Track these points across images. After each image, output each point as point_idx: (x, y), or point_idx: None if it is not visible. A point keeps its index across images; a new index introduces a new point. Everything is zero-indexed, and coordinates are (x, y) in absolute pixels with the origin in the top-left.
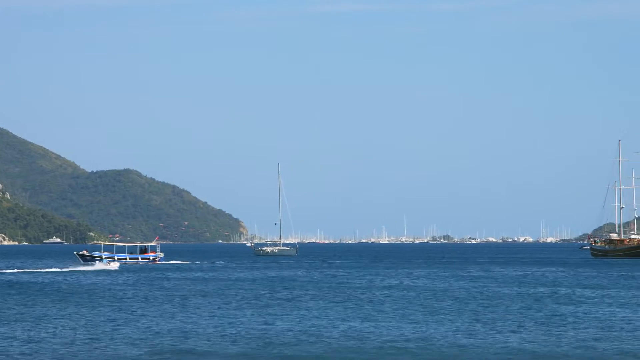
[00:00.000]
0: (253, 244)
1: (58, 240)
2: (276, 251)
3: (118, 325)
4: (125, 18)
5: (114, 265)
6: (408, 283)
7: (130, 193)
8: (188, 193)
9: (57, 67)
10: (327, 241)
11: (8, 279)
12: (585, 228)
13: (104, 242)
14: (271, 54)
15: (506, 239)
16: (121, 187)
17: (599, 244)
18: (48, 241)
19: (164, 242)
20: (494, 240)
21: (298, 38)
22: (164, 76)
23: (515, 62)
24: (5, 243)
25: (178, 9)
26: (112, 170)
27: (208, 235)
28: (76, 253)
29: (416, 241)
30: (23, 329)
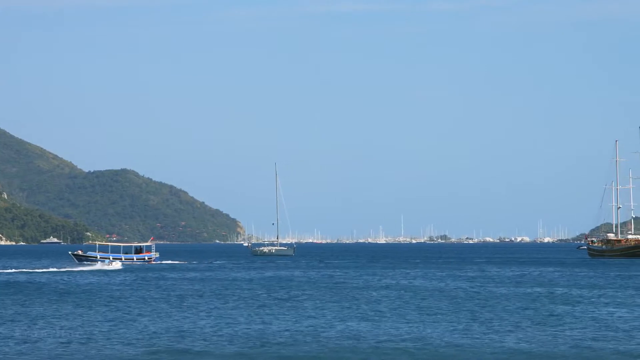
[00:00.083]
0: (250, 244)
1: (55, 240)
2: (273, 251)
3: (115, 325)
4: (125, 18)
5: (117, 264)
6: (405, 283)
7: (127, 193)
8: (185, 193)
9: (57, 67)
10: (325, 241)
11: (5, 279)
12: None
13: (99, 242)
14: (271, 54)
15: (503, 239)
16: (118, 187)
17: (596, 244)
18: (45, 241)
19: (162, 242)
20: (491, 240)
21: (298, 38)
22: (164, 76)
23: (515, 62)
24: (2, 243)
25: (178, 9)
26: (110, 170)
27: (205, 235)
28: (71, 253)
29: (413, 241)
30: (20, 329)
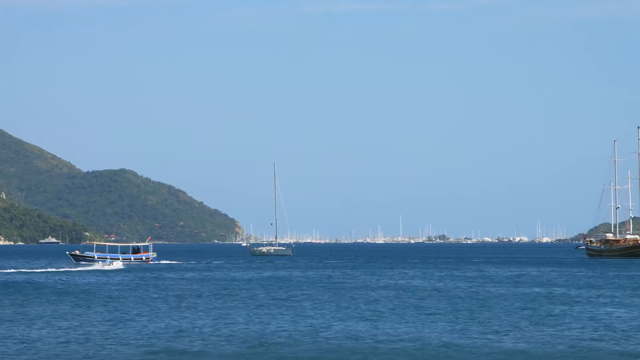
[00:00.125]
0: (249, 244)
1: (54, 240)
2: (272, 251)
3: (113, 325)
4: (125, 18)
5: (118, 264)
6: (403, 283)
7: (126, 193)
8: (184, 193)
9: (57, 67)
10: (323, 241)
11: (4, 279)
12: (580, 228)
13: (97, 242)
14: (271, 54)
15: (502, 239)
16: (117, 187)
17: (595, 244)
18: (44, 241)
19: (160, 242)
20: (490, 240)
21: (298, 38)
22: (164, 76)
23: (515, 62)
24: (1, 243)
25: (178, 9)
26: (108, 170)
27: (204, 235)
28: (69, 253)
29: (412, 241)
30: (18, 329)
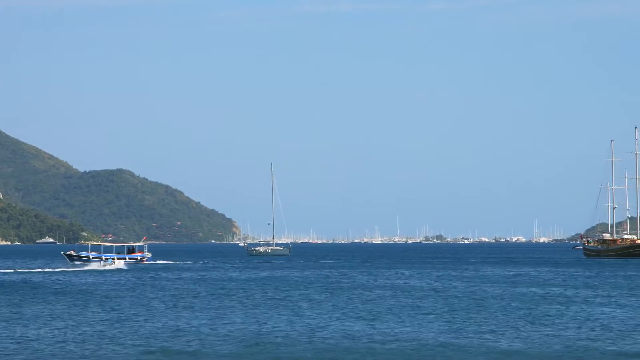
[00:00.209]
0: (246, 244)
1: (51, 240)
2: (269, 251)
3: (110, 325)
4: (125, 18)
5: (120, 263)
6: (400, 283)
7: (123, 193)
8: (181, 193)
9: (57, 67)
10: (320, 241)
11: (1, 279)
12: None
13: (91, 242)
14: (271, 54)
15: (499, 239)
16: (114, 187)
17: (592, 244)
18: (41, 241)
19: (157, 242)
20: (487, 240)
21: (298, 38)
22: (163, 76)
23: (515, 62)
24: None
25: (178, 9)
26: (105, 170)
27: (201, 235)
28: (63, 253)
29: (409, 241)
30: (15, 329)
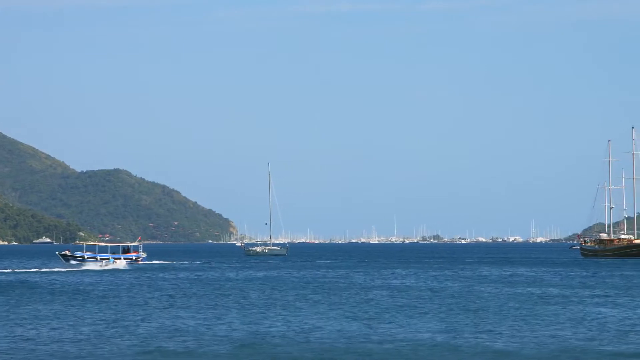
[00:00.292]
0: (243, 244)
1: (48, 240)
2: (266, 251)
3: (107, 325)
4: (125, 18)
5: (121, 263)
6: (397, 283)
7: (120, 193)
8: (178, 193)
9: (57, 67)
10: (317, 241)
11: None
12: (575, 228)
13: (86, 243)
14: (271, 54)
15: (496, 239)
16: (111, 187)
17: (589, 244)
18: (38, 241)
19: (154, 242)
20: (484, 240)
21: (298, 38)
22: (163, 76)
23: (515, 62)
24: None
25: (178, 9)
26: (102, 170)
27: (198, 235)
28: (58, 253)
29: (406, 241)
30: (12, 329)
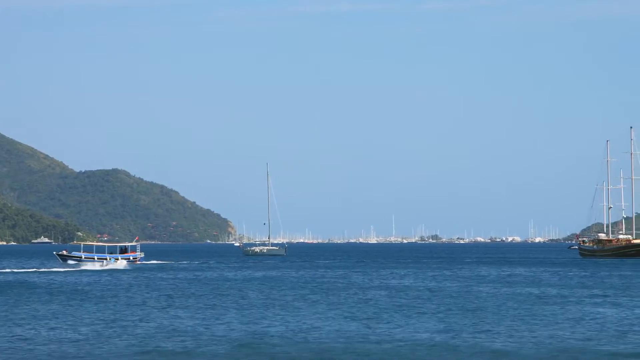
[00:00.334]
0: (242, 244)
1: (46, 240)
2: (265, 251)
3: (105, 325)
4: (125, 18)
5: (121, 263)
6: (395, 283)
7: (118, 193)
8: (176, 193)
9: (57, 67)
10: (316, 241)
11: None
12: (573, 228)
13: (84, 243)
14: (271, 54)
15: (494, 239)
16: (109, 187)
17: (588, 244)
18: (36, 241)
19: (153, 242)
20: (482, 240)
21: (298, 38)
22: (163, 76)
23: (515, 62)
24: None
25: (178, 9)
26: (101, 170)
27: (196, 235)
28: (56, 253)
29: (404, 241)
30: (10, 329)
